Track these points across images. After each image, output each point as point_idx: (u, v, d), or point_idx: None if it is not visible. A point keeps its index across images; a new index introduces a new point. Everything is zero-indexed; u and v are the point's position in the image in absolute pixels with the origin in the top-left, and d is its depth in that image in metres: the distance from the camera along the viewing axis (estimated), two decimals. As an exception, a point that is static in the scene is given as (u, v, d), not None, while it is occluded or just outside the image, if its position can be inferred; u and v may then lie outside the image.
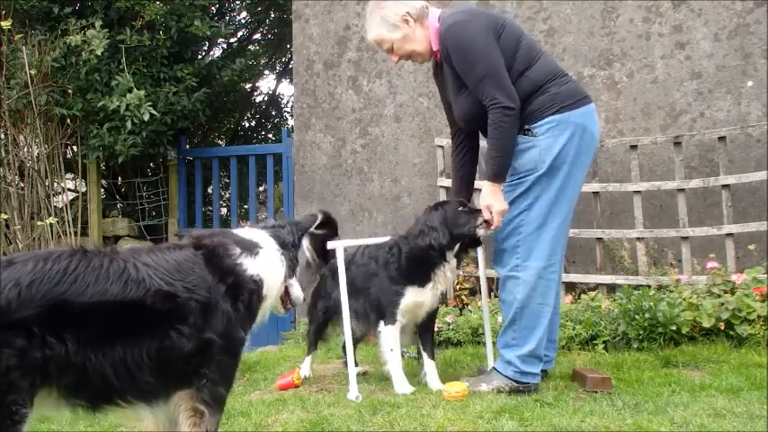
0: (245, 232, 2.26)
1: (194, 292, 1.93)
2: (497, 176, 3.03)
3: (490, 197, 3.03)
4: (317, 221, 2.45)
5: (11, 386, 1.64)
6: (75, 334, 1.73)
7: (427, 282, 3.23)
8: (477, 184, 4.26)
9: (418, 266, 3.22)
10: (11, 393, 1.65)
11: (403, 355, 3.46)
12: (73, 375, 1.75)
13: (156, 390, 1.91)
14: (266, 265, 2.16)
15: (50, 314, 1.70)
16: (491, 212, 3.03)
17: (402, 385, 3.22)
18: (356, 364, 3.77)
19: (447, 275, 3.26)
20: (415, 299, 3.25)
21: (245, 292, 2.08)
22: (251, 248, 2.15)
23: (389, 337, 3.25)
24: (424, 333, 3.38)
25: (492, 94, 2.94)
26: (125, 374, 1.82)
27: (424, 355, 3.36)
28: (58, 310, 1.71)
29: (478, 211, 3.12)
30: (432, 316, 3.41)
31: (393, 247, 3.30)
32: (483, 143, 3.53)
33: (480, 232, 3.13)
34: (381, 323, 3.27)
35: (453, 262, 3.25)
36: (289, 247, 2.29)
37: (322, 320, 3.66)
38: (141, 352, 1.83)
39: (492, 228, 3.07)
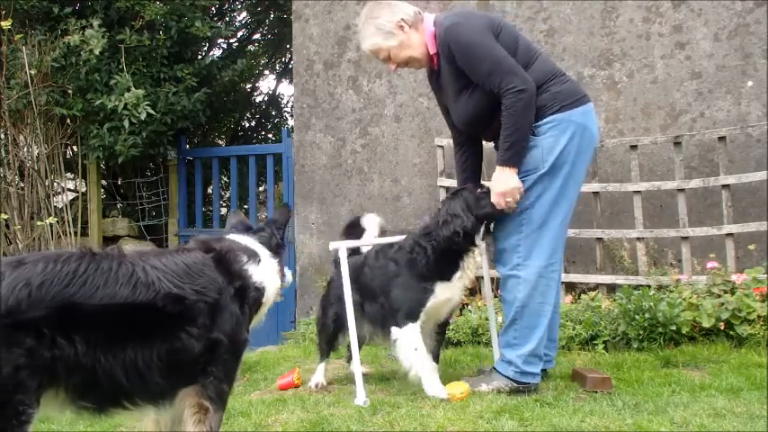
0: (241, 239, 2.31)
1: (204, 294, 1.96)
2: (508, 161, 2.98)
3: (498, 183, 3.00)
4: (288, 212, 2.51)
5: (19, 386, 1.65)
6: (85, 336, 1.74)
7: (455, 273, 3.14)
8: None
9: (448, 258, 3.13)
10: (18, 393, 1.65)
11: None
12: (81, 377, 1.76)
13: (164, 391, 1.94)
14: (267, 273, 2.23)
15: (60, 315, 1.71)
16: (503, 199, 3.01)
17: (435, 387, 3.05)
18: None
19: (477, 260, 3.19)
20: (443, 296, 3.15)
21: (251, 297, 2.14)
22: (254, 256, 2.21)
23: (413, 335, 3.10)
24: (441, 334, 3.36)
25: (505, 80, 2.90)
26: (135, 376, 1.83)
27: (429, 357, 3.32)
28: (68, 311, 1.72)
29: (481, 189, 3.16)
30: (451, 313, 3.38)
31: (414, 246, 3.19)
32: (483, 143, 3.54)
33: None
34: (395, 328, 3.13)
35: (483, 245, 3.21)
36: (277, 252, 2.36)
37: (333, 329, 3.50)
38: (152, 354, 1.85)
39: (506, 207, 3.04)
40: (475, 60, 2.98)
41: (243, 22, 9.16)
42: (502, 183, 3.00)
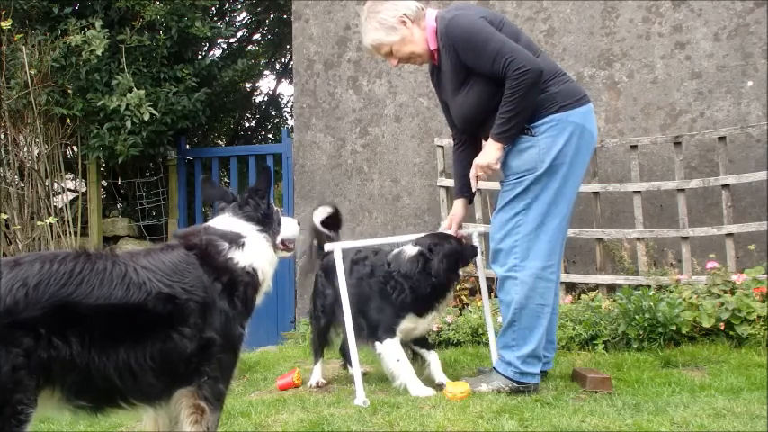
0: (223, 223, 2.27)
1: (192, 293, 1.96)
2: (499, 135, 2.99)
3: (483, 156, 3.08)
4: (270, 175, 2.45)
5: (17, 385, 1.66)
6: (80, 336, 1.75)
7: (429, 312, 3.26)
8: (481, 184, 4.24)
9: (424, 299, 3.22)
10: (18, 392, 1.66)
11: None
12: (77, 377, 1.76)
13: (158, 391, 1.94)
14: (254, 252, 2.19)
15: (56, 315, 1.72)
16: (481, 171, 3.11)
17: (421, 389, 3.15)
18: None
19: (449, 301, 3.40)
20: (412, 325, 3.26)
21: (241, 288, 2.11)
22: (236, 240, 2.17)
23: (393, 348, 3.21)
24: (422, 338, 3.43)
25: (511, 60, 2.87)
26: (129, 377, 1.84)
27: (422, 351, 3.37)
28: (64, 311, 1.73)
29: (471, 246, 3.38)
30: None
31: (389, 280, 3.23)
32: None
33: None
34: (377, 343, 3.23)
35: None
36: (266, 222, 2.30)
37: (323, 324, 3.56)
38: (145, 354, 1.85)
39: (476, 181, 3.18)
40: (479, 45, 2.94)
41: (243, 22, 9.16)
42: (486, 155, 3.06)
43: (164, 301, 1.89)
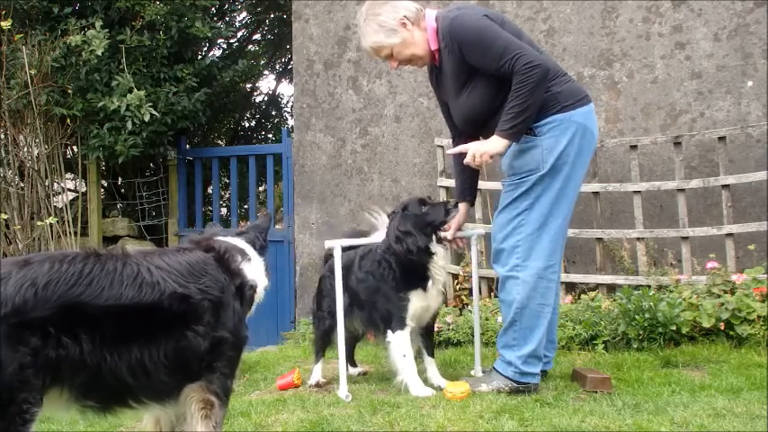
0: (230, 239, 2.35)
1: (208, 293, 2.00)
2: (506, 131, 2.93)
3: (483, 144, 2.99)
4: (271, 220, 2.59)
5: (24, 384, 1.67)
6: (90, 335, 1.77)
7: (426, 282, 3.22)
8: (481, 185, 4.24)
9: (413, 269, 3.21)
10: (24, 391, 1.68)
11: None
12: (86, 376, 1.78)
13: (170, 389, 1.97)
14: (257, 272, 2.28)
15: (65, 315, 1.73)
16: (477, 157, 3.00)
17: (421, 389, 3.16)
18: (355, 365, 3.79)
19: (440, 264, 3.26)
20: (421, 303, 3.24)
21: (248, 294, 2.20)
22: (245, 255, 2.26)
23: (402, 342, 3.21)
24: (427, 333, 3.39)
25: (518, 57, 2.85)
26: (142, 375, 1.86)
27: (424, 353, 3.37)
28: (74, 311, 1.75)
29: (441, 204, 3.29)
30: (434, 317, 3.43)
31: (381, 261, 3.28)
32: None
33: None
34: (390, 332, 3.23)
35: (440, 250, 3.24)
36: (261, 253, 2.40)
37: (328, 325, 3.53)
38: (158, 353, 1.88)
39: (474, 164, 3.05)
40: (486, 43, 2.92)
41: (243, 22, 9.16)
42: (487, 145, 2.98)
43: (178, 300, 1.92)
